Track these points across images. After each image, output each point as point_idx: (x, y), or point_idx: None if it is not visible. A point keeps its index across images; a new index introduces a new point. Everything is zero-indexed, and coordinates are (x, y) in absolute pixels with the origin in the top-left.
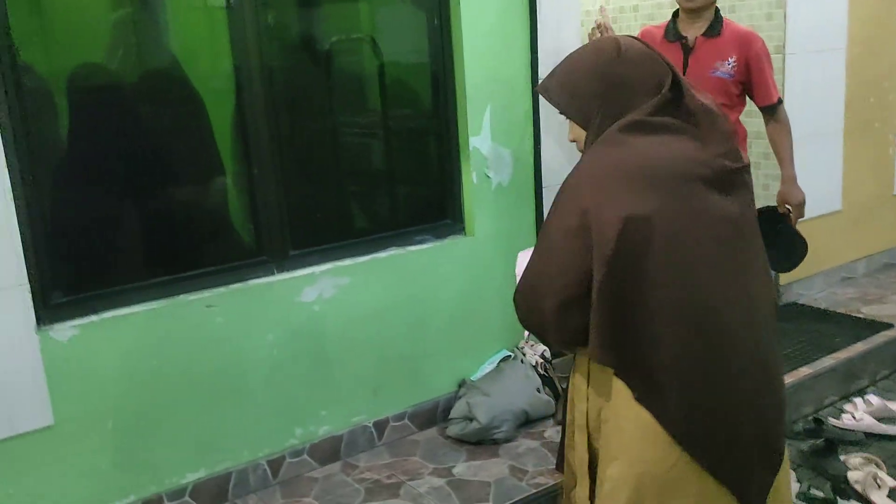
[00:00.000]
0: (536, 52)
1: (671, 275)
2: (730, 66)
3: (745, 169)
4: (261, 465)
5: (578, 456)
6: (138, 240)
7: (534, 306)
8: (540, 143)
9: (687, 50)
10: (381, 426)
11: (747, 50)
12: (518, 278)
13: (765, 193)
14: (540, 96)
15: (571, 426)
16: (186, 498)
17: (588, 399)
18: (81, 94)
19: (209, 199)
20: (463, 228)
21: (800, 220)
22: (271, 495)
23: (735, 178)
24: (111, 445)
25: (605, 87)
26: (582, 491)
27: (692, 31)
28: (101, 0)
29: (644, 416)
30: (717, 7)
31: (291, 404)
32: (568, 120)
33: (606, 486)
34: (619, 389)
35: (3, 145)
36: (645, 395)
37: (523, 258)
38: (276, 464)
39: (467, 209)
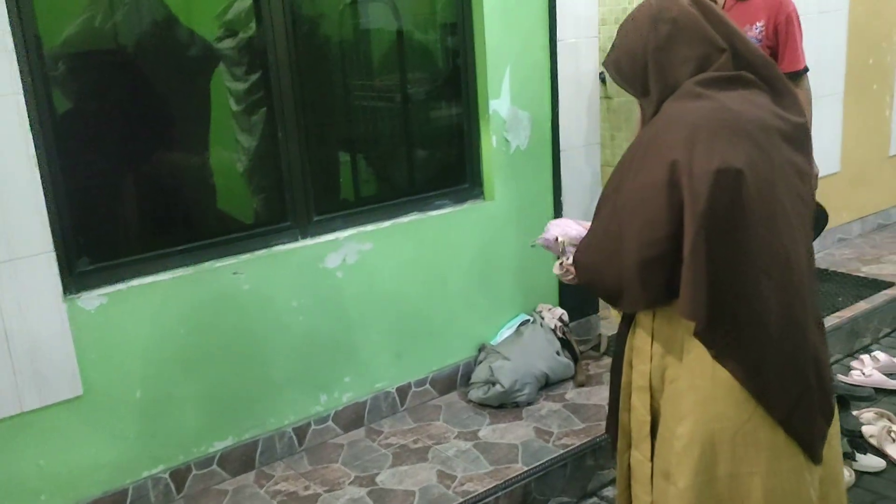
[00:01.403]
0: (555, 15)
1: (759, 229)
2: (757, 31)
3: (806, 124)
4: (287, 433)
5: (638, 417)
6: (163, 207)
7: (606, 267)
8: (558, 107)
9: None
10: (403, 392)
11: (776, 14)
12: (549, 245)
13: None
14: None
15: (628, 388)
16: (214, 466)
17: (651, 360)
18: (103, 61)
19: (235, 165)
20: (482, 193)
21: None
22: (298, 462)
23: (801, 133)
24: (139, 415)
25: (652, 53)
26: (641, 453)
27: None
28: None
29: (720, 373)
30: None
31: (316, 371)
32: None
33: (677, 444)
34: (692, 349)
35: (27, 114)
36: (725, 351)
37: (556, 226)
38: (301, 431)
39: (486, 173)
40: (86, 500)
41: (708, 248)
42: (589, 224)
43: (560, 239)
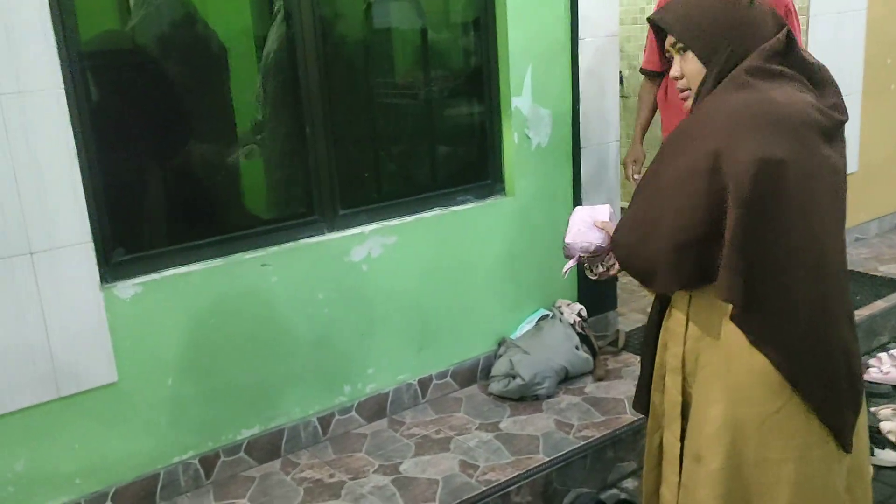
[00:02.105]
0: (576, 14)
1: (799, 220)
2: None
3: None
4: (311, 422)
5: (670, 399)
6: (195, 199)
7: (641, 248)
8: (579, 103)
9: None
10: (424, 384)
11: (775, 6)
12: (572, 234)
13: None
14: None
15: (661, 369)
16: (242, 454)
17: (686, 343)
18: (137, 57)
19: (264, 160)
20: (503, 188)
21: None
22: (323, 450)
23: (841, 131)
24: (171, 402)
25: (736, 24)
26: (671, 434)
27: None
28: None
29: (757, 359)
30: None
31: (340, 362)
32: (677, 54)
33: (709, 427)
34: (729, 333)
35: (67, 107)
36: (762, 337)
37: (581, 213)
38: (325, 420)
39: (508, 169)
40: (119, 485)
41: (748, 234)
42: (605, 214)
43: (582, 255)
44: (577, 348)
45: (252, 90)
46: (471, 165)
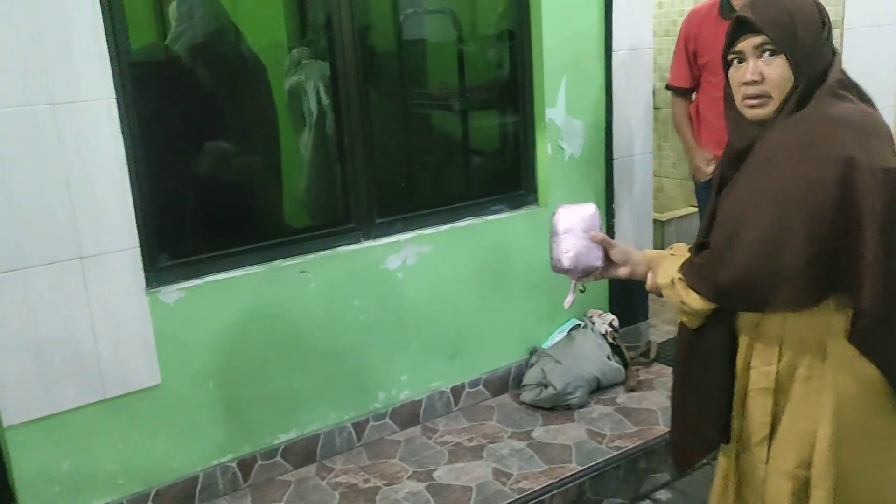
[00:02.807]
0: (611, 26)
1: None
2: None
3: None
4: (346, 428)
5: (758, 420)
6: (237, 207)
7: (762, 266)
8: (612, 116)
9: None
10: (457, 391)
11: None
12: (573, 258)
13: None
14: None
15: (743, 391)
16: (278, 458)
17: (780, 359)
18: (182, 66)
19: (303, 168)
20: (536, 199)
21: None
22: (357, 456)
23: None
24: (211, 405)
25: (823, 37)
26: (756, 456)
27: None
28: None
29: (866, 370)
30: None
31: (375, 369)
32: (757, 57)
33: (820, 445)
34: (833, 346)
35: (118, 116)
36: (873, 348)
37: (565, 212)
38: (360, 426)
39: (541, 180)
40: (160, 486)
41: (886, 244)
42: (592, 215)
43: (580, 277)
44: (608, 358)
45: (293, 99)
46: (504, 175)
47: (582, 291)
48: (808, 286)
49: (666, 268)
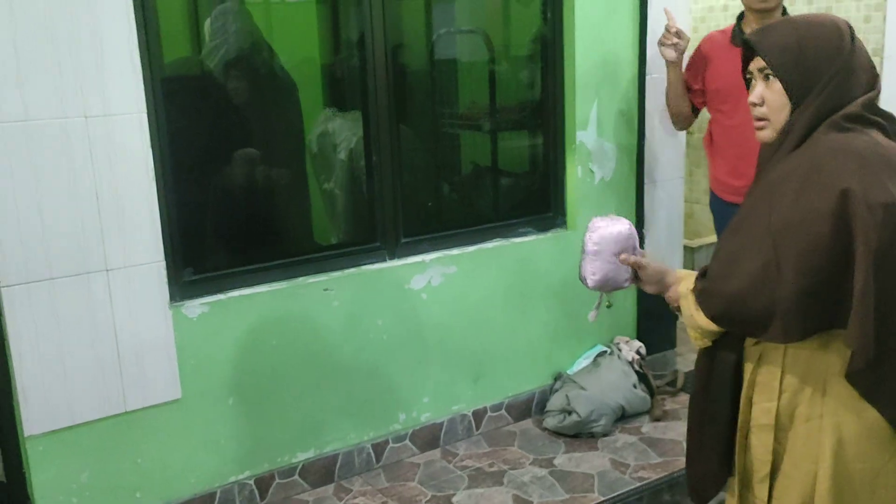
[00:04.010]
0: (645, 48)
1: None
2: None
3: None
4: (365, 448)
5: (758, 457)
6: (262, 223)
7: (753, 297)
8: (644, 138)
9: None
10: (479, 415)
11: None
12: (589, 255)
13: None
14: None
15: (746, 426)
16: (296, 477)
17: (780, 397)
18: (213, 81)
19: (330, 186)
20: (565, 222)
21: None
22: (375, 478)
23: None
24: (231, 421)
25: (836, 71)
26: (757, 495)
27: None
28: None
29: (868, 412)
30: (783, 6)
31: (397, 389)
32: (762, 80)
33: (821, 486)
34: (835, 384)
35: (148, 130)
36: (877, 392)
37: (603, 223)
38: (379, 447)
39: (570, 203)
40: (177, 501)
41: (880, 283)
42: (627, 232)
43: (602, 288)
44: (634, 386)
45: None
46: (533, 197)
47: (608, 307)
48: (802, 320)
49: (689, 281)
